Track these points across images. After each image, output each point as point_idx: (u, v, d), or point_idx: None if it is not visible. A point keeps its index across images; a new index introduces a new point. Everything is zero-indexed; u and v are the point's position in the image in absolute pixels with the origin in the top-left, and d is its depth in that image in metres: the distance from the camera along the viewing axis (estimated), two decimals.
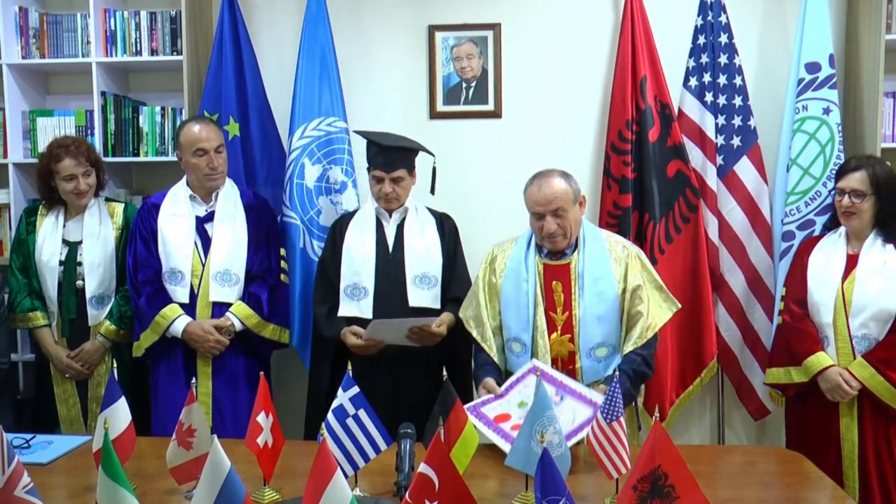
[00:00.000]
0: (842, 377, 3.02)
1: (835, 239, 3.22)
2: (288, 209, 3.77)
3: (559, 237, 2.84)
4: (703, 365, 3.80)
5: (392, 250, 3.28)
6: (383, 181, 3.21)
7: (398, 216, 3.32)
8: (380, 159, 3.21)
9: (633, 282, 2.86)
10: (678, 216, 3.76)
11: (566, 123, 4.01)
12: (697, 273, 3.75)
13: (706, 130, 3.76)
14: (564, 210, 2.82)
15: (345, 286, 3.25)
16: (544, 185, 2.85)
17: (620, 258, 2.90)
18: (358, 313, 3.21)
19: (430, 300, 3.26)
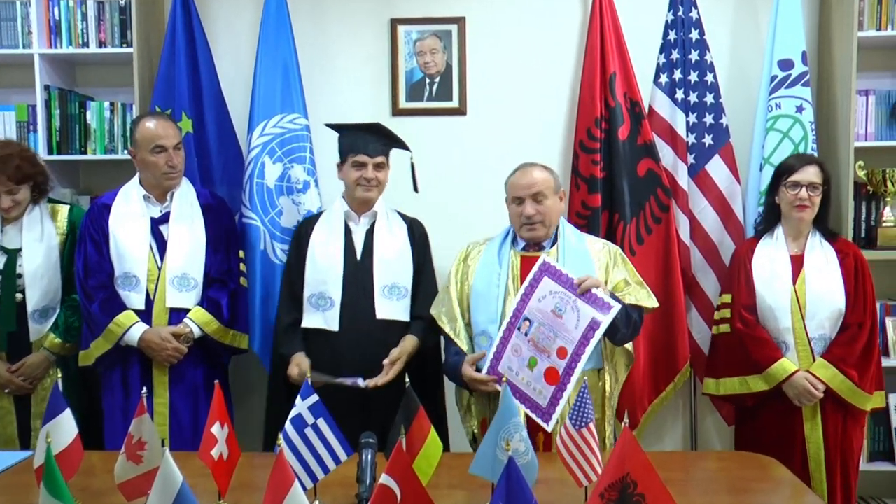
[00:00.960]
0: (808, 381, 3.07)
1: (772, 241, 3.25)
2: (247, 210, 3.74)
3: (538, 224, 2.90)
4: (675, 370, 3.81)
5: (361, 257, 3.21)
6: (365, 166, 3.15)
7: (367, 220, 3.25)
8: (362, 143, 3.16)
9: (615, 277, 2.93)
10: (649, 216, 3.77)
11: (533, 121, 4.01)
12: (669, 274, 3.75)
13: (677, 128, 3.78)
14: (545, 196, 2.91)
15: (309, 295, 3.17)
16: (527, 171, 2.96)
17: (600, 255, 2.96)
18: (323, 325, 3.14)
19: (399, 312, 3.19)
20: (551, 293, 2.74)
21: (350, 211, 3.24)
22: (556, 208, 2.96)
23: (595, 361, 2.90)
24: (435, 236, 3.49)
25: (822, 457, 3.12)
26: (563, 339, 2.68)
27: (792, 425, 3.15)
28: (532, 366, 2.72)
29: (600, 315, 2.66)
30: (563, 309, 2.71)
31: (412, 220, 3.38)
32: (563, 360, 2.66)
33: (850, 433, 3.14)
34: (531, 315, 2.76)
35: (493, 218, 3.23)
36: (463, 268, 3.06)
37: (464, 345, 2.94)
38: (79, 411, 3.19)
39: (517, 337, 2.78)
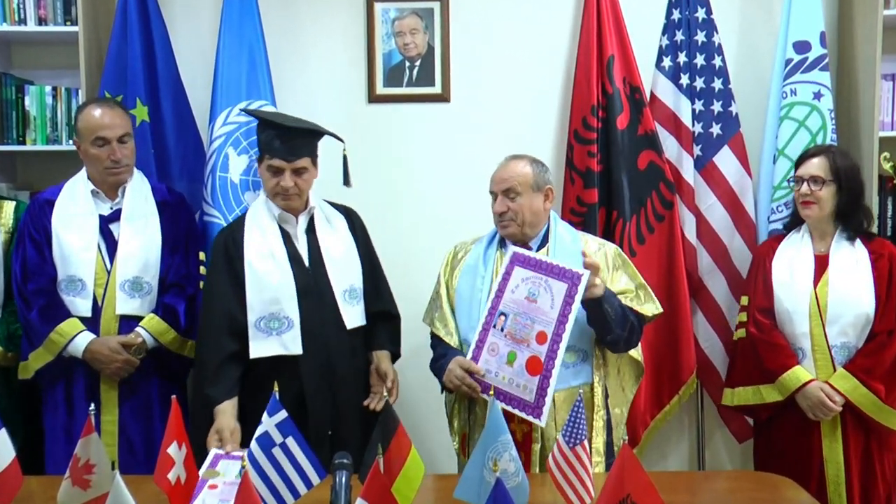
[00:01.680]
0: (824, 392, 3.04)
1: (797, 239, 3.25)
2: (209, 207, 3.72)
3: (508, 221, 2.92)
4: (680, 381, 3.80)
5: (309, 263, 3.08)
6: (282, 173, 2.98)
7: (305, 219, 3.11)
8: (278, 145, 2.98)
9: (615, 282, 2.93)
10: (651, 214, 3.77)
11: (523, 109, 4.00)
12: (673, 277, 3.75)
13: (682, 117, 3.77)
14: (517, 193, 2.91)
15: (256, 319, 2.96)
16: (506, 165, 2.98)
17: (596, 256, 2.94)
18: (282, 350, 2.97)
19: (361, 317, 3.14)
20: (523, 280, 2.79)
21: (283, 213, 3.07)
22: (534, 206, 2.94)
23: (583, 377, 2.91)
24: (418, 236, 3.57)
25: (843, 479, 3.09)
26: (541, 322, 2.72)
27: (809, 442, 3.13)
28: (511, 361, 2.74)
29: (573, 285, 2.69)
30: (536, 292, 2.75)
31: (344, 208, 3.28)
32: (544, 345, 2.68)
33: (874, 456, 3.10)
34: (506, 308, 2.81)
35: (480, 215, 3.21)
36: (449, 270, 3.10)
37: (461, 347, 2.96)
38: (24, 430, 3.25)
39: (493, 335, 2.81)
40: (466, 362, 2.82)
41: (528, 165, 2.96)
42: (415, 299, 3.30)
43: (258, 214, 3.09)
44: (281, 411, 2.14)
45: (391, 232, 3.81)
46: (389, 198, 3.83)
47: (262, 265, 3.00)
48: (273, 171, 3.00)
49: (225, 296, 3.00)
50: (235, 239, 3.05)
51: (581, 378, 2.89)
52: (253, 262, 3.00)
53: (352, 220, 3.23)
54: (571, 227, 3.10)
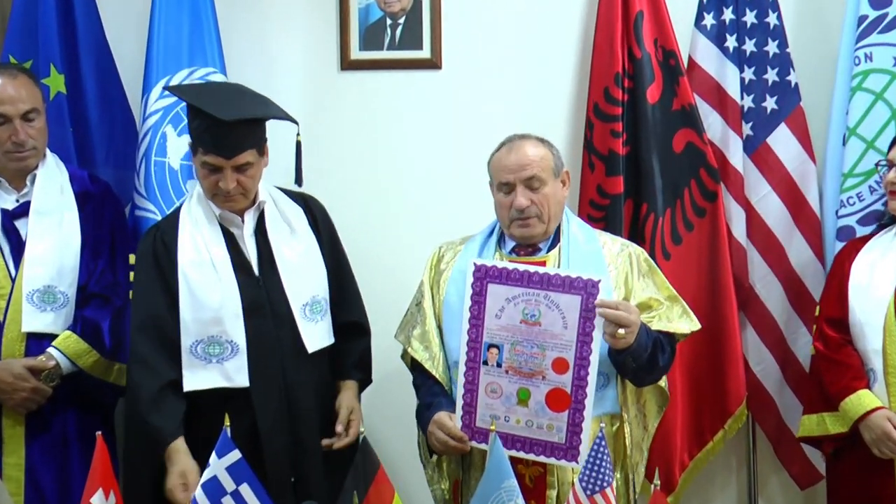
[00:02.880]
0: (892, 423, 3.01)
1: (888, 240, 3.25)
2: (142, 199, 3.69)
3: (534, 218, 2.88)
4: (726, 413, 3.77)
5: (260, 272, 3.04)
6: (221, 171, 2.91)
7: (253, 217, 3.08)
8: (212, 138, 2.89)
9: (639, 292, 2.91)
10: (689, 207, 3.75)
11: (530, 78, 3.99)
12: (717, 285, 3.73)
13: (727, 88, 3.76)
14: (542, 181, 2.88)
15: (191, 344, 2.93)
16: (517, 147, 2.94)
17: (617, 261, 2.94)
18: (223, 382, 2.93)
19: (327, 336, 3.13)
20: (508, 300, 2.76)
21: (225, 213, 3.03)
22: (558, 196, 2.94)
23: (609, 405, 2.89)
24: (401, 233, 3.58)
25: None
26: (555, 347, 2.71)
27: (881, 485, 3.09)
28: (525, 399, 2.74)
29: (589, 296, 2.67)
30: (536, 312, 2.73)
31: (304, 197, 3.23)
32: (566, 373, 2.70)
33: None
34: (495, 338, 2.78)
35: (474, 209, 3.21)
36: (435, 275, 3.09)
37: (445, 381, 2.94)
38: None
39: (487, 374, 2.78)
40: (447, 425, 2.80)
41: (543, 146, 2.96)
42: (397, 310, 3.28)
43: (194, 211, 3.06)
44: (233, 451, 2.17)
45: (368, 227, 3.83)
46: (366, 186, 3.80)
47: (198, 276, 2.97)
48: (209, 168, 2.94)
49: (157, 310, 2.97)
50: (166, 242, 3.01)
51: (603, 407, 2.86)
52: (188, 272, 2.97)
53: (312, 212, 3.22)
54: (585, 224, 3.10)
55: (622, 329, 2.62)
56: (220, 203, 2.99)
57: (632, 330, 2.65)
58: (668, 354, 2.88)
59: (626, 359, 2.71)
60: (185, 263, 2.96)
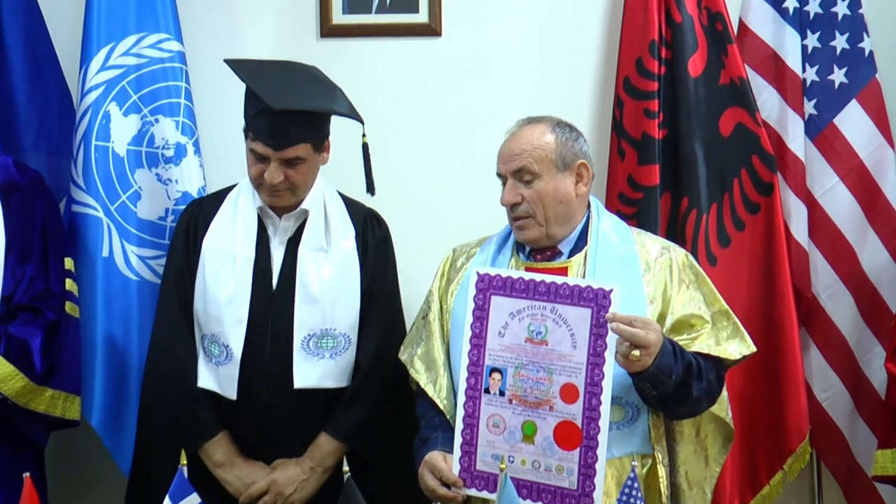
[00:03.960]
0: None
1: None
2: (81, 192, 3.64)
3: (527, 219, 2.87)
4: (786, 451, 3.70)
5: (277, 285, 3.13)
6: (267, 161, 3.01)
7: (292, 222, 3.16)
8: (260, 125, 3.02)
9: (680, 307, 2.86)
10: (740, 202, 3.71)
11: (547, 47, 3.96)
12: (774, 296, 3.67)
13: (787, 58, 3.72)
14: (534, 174, 2.84)
15: (201, 336, 3.13)
16: (516, 133, 2.93)
17: (656, 266, 2.89)
18: (215, 387, 3.09)
19: (331, 377, 3.13)
20: (514, 315, 2.71)
21: (265, 207, 3.14)
22: (561, 193, 2.87)
23: (638, 442, 2.84)
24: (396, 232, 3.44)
25: None
26: (564, 371, 2.65)
27: None
28: (531, 434, 2.68)
29: (599, 308, 2.63)
30: (542, 329, 2.68)
31: (368, 214, 3.30)
32: (576, 402, 2.64)
33: None
34: (497, 361, 2.73)
35: (480, 204, 3.28)
36: (445, 284, 3.07)
37: (449, 409, 2.91)
38: None
39: (489, 404, 2.72)
40: (439, 467, 2.75)
41: (549, 132, 2.90)
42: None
43: (240, 197, 3.19)
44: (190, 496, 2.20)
45: None
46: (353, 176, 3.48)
47: (215, 267, 3.11)
48: (257, 156, 3.04)
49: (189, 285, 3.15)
50: (199, 222, 3.17)
51: (631, 445, 2.81)
52: (207, 260, 3.12)
53: (365, 235, 3.26)
54: (622, 223, 3.03)
55: (636, 350, 2.55)
56: (263, 195, 3.08)
57: (649, 351, 2.57)
58: (707, 383, 2.79)
59: (642, 384, 2.65)
60: (207, 250, 3.12)
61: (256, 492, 3.04)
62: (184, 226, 3.23)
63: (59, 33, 3.77)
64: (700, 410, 2.86)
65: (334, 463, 3.15)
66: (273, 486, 3.05)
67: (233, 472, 3.06)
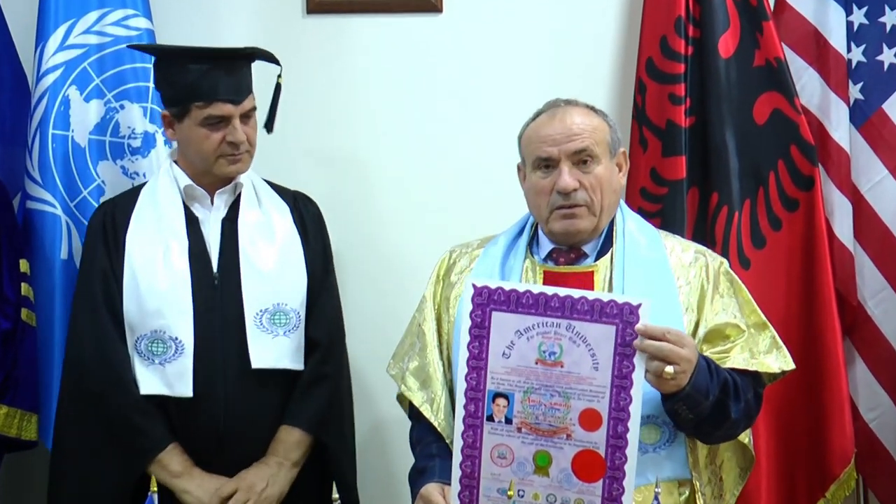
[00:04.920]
0: None
1: None
2: (36, 186, 3.65)
3: (582, 207, 2.82)
4: (829, 476, 3.67)
5: (218, 267, 3.19)
6: (227, 123, 3.11)
7: (224, 200, 3.25)
8: (213, 85, 3.10)
9: (711, 316, 2.83)
10: (776, 198, 3.69)
11: (560, 25, 3.96)
12: (814, 303, 3.66)
13: (829, 37, 3.71)
14: (594, 157, 2.81)
15: (136, 339, 3.13)
16: (561, 113, 2.88)
17: (689, 273, 2.88)
18: (166, 390, 3.10)
19: (288, 355, 3.19)
20: (519, 333, 2.65)
21: (193, 185, 3.21)
22: (613, 183, 2.87)
23: (676, 467, 2.82)
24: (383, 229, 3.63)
25: None
26: (583, 395, 2.60)
27: None
28: (544, 466, 2.63)
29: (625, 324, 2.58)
30: (557, 349, 2.62)
31: (296, 194, 3.40)
32: (599, 429, 2.59)
33: None
34: (501, 386, 2.68)
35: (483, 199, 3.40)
36: (443, 290, 3.06)
37: (448, 432, 2.90)
38: None
39: (493, 433, 2.67)
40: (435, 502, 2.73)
41: (595, 114, 2.90)
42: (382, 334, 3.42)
43: (159, 184, 3.24)
44: None
45: (341, 219, 3.79)
46: (340, 165, 3.79)
47: (144, 259, 3.13)
48: (214, 122, 3.10)
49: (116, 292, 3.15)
50: (117, 218, 3.19)
51: (668, 469, 2.79)
52: (133, 253, 3.14)
53: (300, 211, 3.36)
54: (647, 223, 3.03)
55: (670, 366, 2.52)
56: (224, 167, 3.13)
57: (683, 368, 2.55)
58: (746, 403, 2.77)
59: (677, 406, 2.62)
60: (132, 243, 3.14)
61: (226, 492, 3.06)
62: (99, 226, 3.23)
63: (12, 8, 3.74)
64: (736, 434, 2.85)
65: (300, 456, 3.16)
66: (242, 484, 3.07)
67: (194, 482, 3.06)
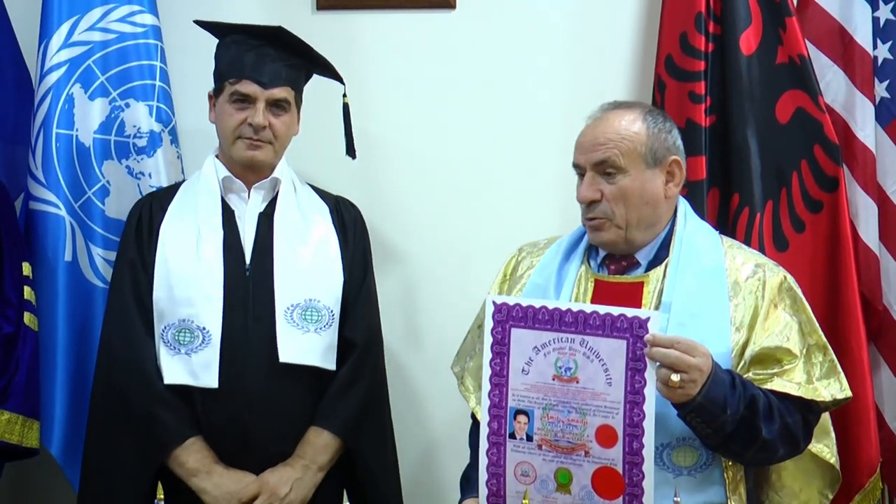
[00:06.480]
0: None
1: None
2: (40, 187, 3.64)
3: (603, 220, 2.85)
4: (854, 486, 3.60)
5: (251, 260, 3.22)
6: (255, 103, 3.18)
7: (262, 195, 3.28)
8: (250, 61, 3.19)
9: (765, 336, 2.81)
10: (799, 199, 3.67)
11: (577, 21, 3.95)
12: (838, 307, 3.63)
13: (855, 34, 3.68)
14: (618, 168, 2.81)
15: (163, 327, 3.16)
16: (602, 119, 2.91)
17: (747, 288, 2.86)
18: (190, 380, 3.12)
19: (318, 353, 3.18)
20: (537, 350, 2.69)
21: (231, 177, 3.24)
22: (648, 194, 2.85)
23: (710, 492, 2.80)
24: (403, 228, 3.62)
25: None
26: (599, 411, 2.63)
27: None
28: (566, 483, 2.66)
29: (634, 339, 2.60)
30: (572, 364, 2.65)
31: (338, 199, 3.43)
32: (615, 446, 2.61)
33: None
34: (521, 403, 2.70)
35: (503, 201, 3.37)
36: (508, 289, 3.10)
37: None
38: None
39: (516, 450, 2.69)
40: None
41: (640, 120, 2.88)
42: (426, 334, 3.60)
43: (196, 181, 3.31)
44: None
45: None
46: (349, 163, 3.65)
47: (176, 246, 3.18)
48: (239, 100, 3.18)
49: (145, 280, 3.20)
50: (154, 210, 3.26)
51: (706, 493, 2.78)
52: (166, 241, 3.20)
53: (340, 213, 3.40)
54: (712, 230, 3.06)
55: (675, 374, 2.53)
56: (242, 149, 3.18)
57: (692, 377, 2.55)
58: (784, 426, 2.74)
59: (690, 419, 2.62)
60: (165, 232, 3.20)
61: (248, 496, 3.06)
62: (135, 217, 3.29)
63: (16, 4, 3.76)
64: (777, 458, 2.83)
65: (328, 461, 3.16)
66: (265, 488, 3.08)
67: (211, 480, 3.06)
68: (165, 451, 3.08)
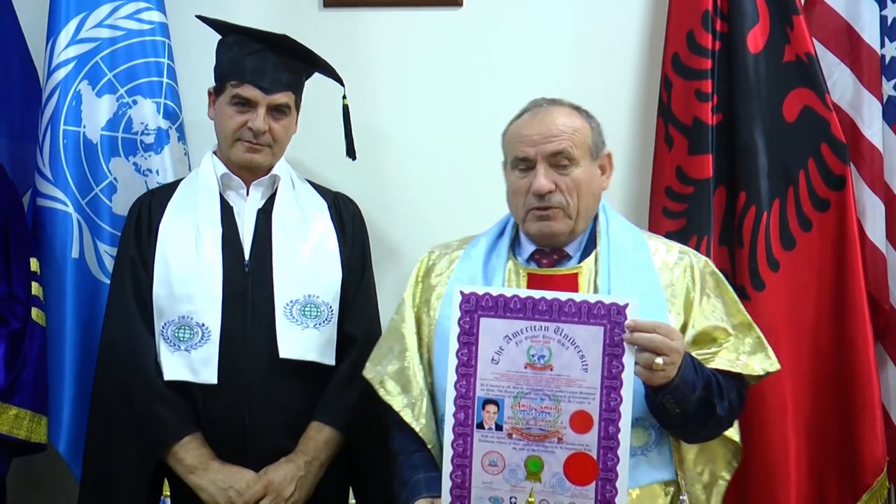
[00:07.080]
0: None
1: None
2: (47, 183, 3.65)
3: (557, 209, 2.84)
4: (861, 486, 3.63)
5: (250, 256, 3.22)
6: (256, 107, 3.18)
7: (261, 192, 3.29)
8: (251, 65, 3.18)
9: (703, 318, 2.86)
10: (806, 198, 3.67)
11: (583, 18, 3.96)
12: (845, 307, 3.63)
13: (863, 32, 3.68)
14: (572, 159, 2.82)
15: (163, 324, 3.17)
16: (543, 113, 2.91)
17: (674, 272, 2.91)
18: (190, 376, 3.12)
19: (317, 348, 3.18)
20: (508, 338, 2.67)
21: (229, 174, 3.25)
22: (593, 185, 2.89)
23: (663, 470, 2.85)
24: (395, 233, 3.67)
25: None
26: (574, 398, 2.63)
27: None
28: (536, 471, 2.64)
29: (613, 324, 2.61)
30: (546, 352, 2.64)
31: (336, 194, 3.45)
32: (590, 431, 2.61)
33: None
34: (491, 392, 2.69)
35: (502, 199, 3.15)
36: (422, 292, 3.07)
37: (430, 437, 2.91)
38: None
39: (484, 440, 2.68)
40: None
41: (577, 114, 2.92)
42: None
43: (199, 173, 3.31)
44: None
45: None
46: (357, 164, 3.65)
47: (175, 243, 3.18)
48: (239, 104, 3.18)
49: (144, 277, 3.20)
50: (153, 208, 3.26)
51: (658, 471, 2.82)
52: (167, 239, 3.19)
53: (339, 209, 3.40)
54: (630, 224, 3.06)
55: (660, 358, 2.53)
56: (241, 151, 3.19)
57: (673, 360, 2.56)
58: (730, 403, 2.79)
59: (665, 400, 2.62)
60: (165, 229, 3.19)
61: (253, 497, 3.06)
62: (134, 215, 3.28)
63: (23, 2, 3.77)
64: (720, 432, 2.86)
65: (329, 456, 3.17)
66: (271, 488, 3.07)
67: (207, 477, 3.06)
68: (164, 447, 3.09)
